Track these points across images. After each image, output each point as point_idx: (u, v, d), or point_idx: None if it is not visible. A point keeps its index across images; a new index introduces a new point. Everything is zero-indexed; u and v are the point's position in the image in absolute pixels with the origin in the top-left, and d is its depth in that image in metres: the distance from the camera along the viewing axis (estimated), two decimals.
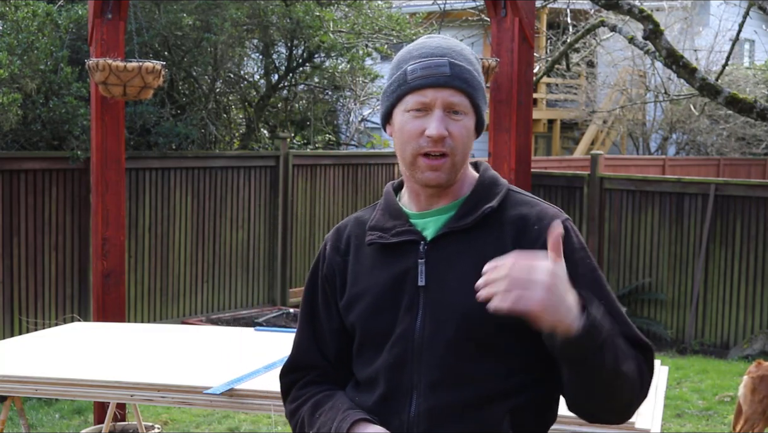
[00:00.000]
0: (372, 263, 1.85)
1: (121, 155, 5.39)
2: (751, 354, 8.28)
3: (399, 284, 1.80)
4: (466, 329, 1.73)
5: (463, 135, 1.77)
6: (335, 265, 1.90)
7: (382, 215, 1.88)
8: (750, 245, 8.45)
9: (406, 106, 1.78)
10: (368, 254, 1.86)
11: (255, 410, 3.28)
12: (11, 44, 6.79)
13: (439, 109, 1.75)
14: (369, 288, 1.83)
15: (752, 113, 6.39)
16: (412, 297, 1.79)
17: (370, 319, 1.82)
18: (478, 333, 1.73)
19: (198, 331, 4.60)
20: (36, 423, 6.09)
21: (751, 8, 8.06)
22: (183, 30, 8.57)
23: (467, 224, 1.79)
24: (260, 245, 9.00)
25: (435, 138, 1.74)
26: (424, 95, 1.76)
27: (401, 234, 1.82)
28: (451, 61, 1.77)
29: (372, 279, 1.83)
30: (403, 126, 1.78)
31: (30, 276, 7.07)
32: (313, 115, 10.94)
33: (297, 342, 1.99)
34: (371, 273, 1.84)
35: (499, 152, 4.63)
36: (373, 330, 1.82)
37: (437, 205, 1.83)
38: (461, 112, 1.77)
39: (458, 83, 1.76)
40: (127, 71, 4.76)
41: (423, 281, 1.78)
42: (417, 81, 1.76)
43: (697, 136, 16.51)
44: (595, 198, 9.32)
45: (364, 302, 1.83)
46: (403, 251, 1.82)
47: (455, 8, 11.71)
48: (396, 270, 1.81)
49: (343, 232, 1.93)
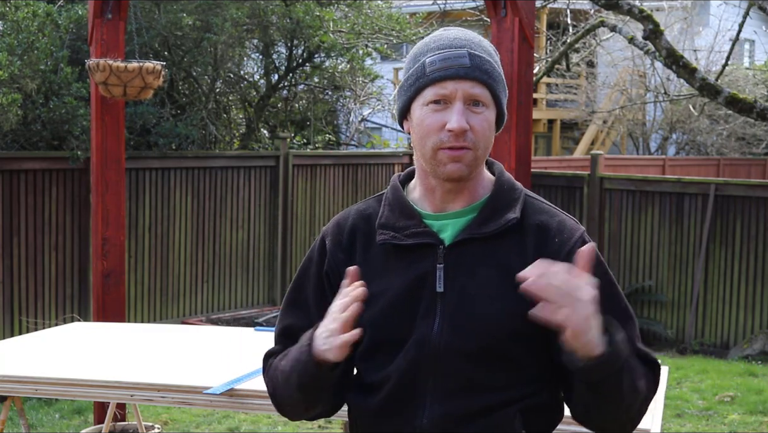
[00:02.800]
0: (383, 265, 1.78)
1: (121, 155, 5.38)
2: (751, 354, 8.28)
3: (416, 289, 1.74)
4: (484, 339, 1.70)
5: (485, 128, 1.72)
6: (338, 262, 1.81)
7: (391, 212, 1.80)
8: (750, 245, 8.46)
9: (425, 99, 1.72)
10: (378, 253, 1.79)
11: (255, 410, 3.28)
12: (11, 44, 6.79)
13: (460, 101, 1.69)
14: (382, 292, 1.75)
15: (752, 113, 6.38)
16: (429, 303, 1.73)
17: (385, 323, 1.76)
18: (496, 343, 1.70)
19: (198, 331, 4.60)
20: (36, 423, 6.09)
21: (751, 8, 8.06)
22: (183, 30, 8.57)
23: (489, 232, 1.73)
24: (260, 245, 9.00)
25: (456, 131, 1.68)
26: (444, 87, 1.70)
27: (417, 236, 1.76)
28: (470, 52, 1.71)
29: (385, 282, 1.76)
30: (423, 120, 1.72)
31: (30, 276, 7.07)
32: (313, 115, 10.94)
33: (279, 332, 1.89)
34: (383, 275, 1.76)
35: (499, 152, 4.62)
36: (387, 335, 1.76)
37: (453, 207, 1.77)
38: (482, 104, 1.71)
39: (479, 74, 1.70)
40: (127, 71, 4.76)
41: (441, 287, 1.73)
42: (436, 73, 1.70)
43: (697, 136, 16.52)
44: (595, 198, 9.32)
45: (378, 305, 1.75)
46: (419, 255, 1.75)
47: (455, 8, 11.70)
48: (412, 274, 1.75)
49: (344, 226, 1.85)
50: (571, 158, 14.36)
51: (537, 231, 1.75)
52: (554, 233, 1.75)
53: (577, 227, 1.78)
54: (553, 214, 1.79)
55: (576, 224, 1.80)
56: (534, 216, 1.77)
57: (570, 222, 1.79)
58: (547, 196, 9.35)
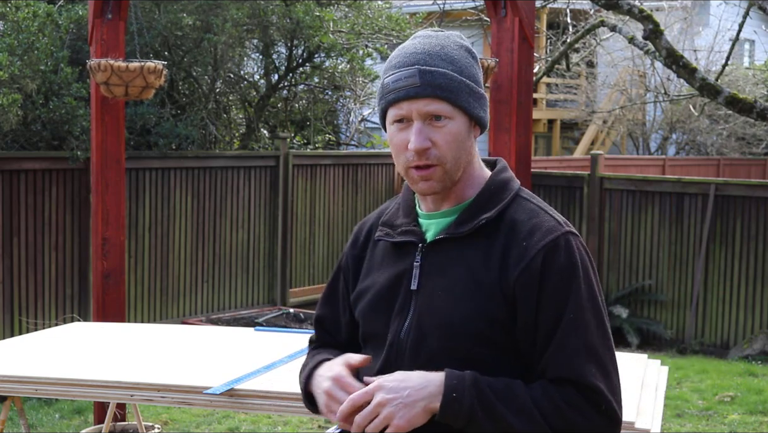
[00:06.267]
0: (380, 260, 1.85)
1: (121, 155, 5.39)
2: (751, 354, 8.28)
3: (396, 285, 1.78)
4: (447, 340, 1.70)
5: (449, 141, 1.71)
6: (351, 258, 1.90)
7: (396, 210, 1.86)
8: (750, 245, 8.46)
9: (390, 118, 1.76)
10: (380, 249, 1.86)
11: (255, 410, 3.28)
12: (12, 45, 6.79)
13: (418, 120, 1.71)
14: (372, 285, 1.83)
15: (752, 113, 6.39)
16: (404, 301, 1.77)
17: (369, 318, 1.82)
18: (458, 345, 1.70)
19: (198, 331, 4.60)
20: (36, 423, 6.09)
21: (751, 8, 8.06)
22: (183, 30, 8.57)
23: (463, 232, 1.74)
24: (260, 245, 9.00)
25: (417, 151, 1.70)
26: (401, 108, 1.72)
27: (405, 234, 1.80)
28: (421, 69, 1.70)
29: (376, 276, 1.83)
30: (392, 139, 1.77)
31: (30, 276, 7.07)
32: (313, 115, 10.94)
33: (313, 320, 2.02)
34: (377, 270, 1.84)
35: (499, 152, 4.62)
36: (371, 329, 1.82)
37: (442, 207, 1.80)
38: (444, 117, 1.71)
39: (431, 91, 1.69)
40: (129, 71, 4.76)
41: (416, 285, 1.76)
42: (391, 95, 1.73)
43: (697, 136, 16.52)
44: (595, 198, 9.32)
45: (366, 299, 1.83)
46: (404, 252, 1.80)
47: (455, 8, 11.71)
48: (396, 270, 1.80)
49: (365, 225, 1.93)
50: (571, 158, 14.36)
51: (509, 232, 1.71)
52: (524, 236, 1.70)
53: (555, 230, 1.70)
54: (534, 215, 1.73)
55: (558, 226, 1.72)
56: (513, 217, 1.73)
57: (548, 225, 1.71)
58: (546, 196, 9.36)
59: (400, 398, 1.64)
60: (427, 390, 1.64)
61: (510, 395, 1.63)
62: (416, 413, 1.63)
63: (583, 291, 1.68)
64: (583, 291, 1.68)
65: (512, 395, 1.63)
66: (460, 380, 1.63)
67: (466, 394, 1.62)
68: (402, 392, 1.64)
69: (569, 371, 1.64)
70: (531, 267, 1.66)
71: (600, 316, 1.70)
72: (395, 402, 1.63)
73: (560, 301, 1.66)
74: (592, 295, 1.70)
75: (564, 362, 1.64)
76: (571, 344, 1.64)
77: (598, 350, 1.67)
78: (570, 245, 1.70)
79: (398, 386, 1.65)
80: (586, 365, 1.64)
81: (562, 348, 1.64)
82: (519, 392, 1.63)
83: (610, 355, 1.69)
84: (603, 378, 1.65)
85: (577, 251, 1.70)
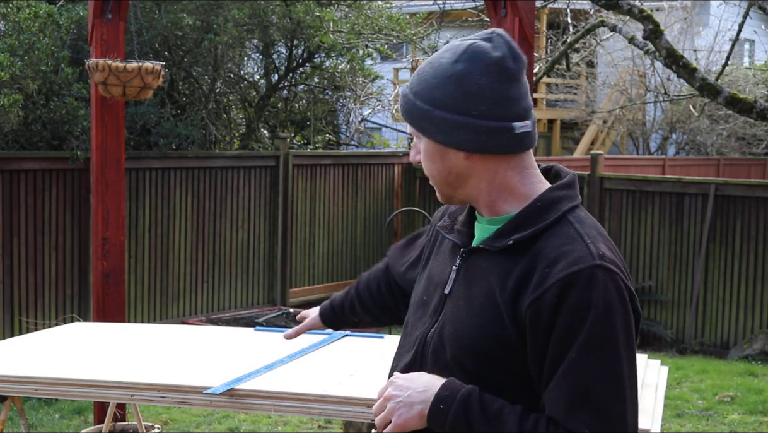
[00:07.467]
0: (437, 250, 1.90)
1: (121, 155, 5.38)
2: (751, 354, 8.29)
3: (438, 284, 1.80)
4: (456, 351, 1.70)
5: (424, 158, 1.76)
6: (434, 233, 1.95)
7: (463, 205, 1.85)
8: (750, 245, 8.46)
9: None
10: (442, 238, 1.89)
11: (255, 410, 3.28)
12: (12, 45, 6.79)
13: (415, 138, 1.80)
14: (424, 278, 1.88)
15: (752, 113, 6.39)
16: (438, 302, 1.78)
17: (412, 309, 1.87)
18: (464, 358, 1.69)
19: (198, 331, 4.60)
20: (36, 423, 6.09)
21: (751, 8, 8.06)
22: (183, 30, 8.57)
23: (497, 247, 1.70)
24: (260, 245, 9.00)
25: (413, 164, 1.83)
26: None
27: (455, 233, 1.82)
28: (402, 94, 1.78)
29: (433, 266, 1.87)
30: None
31: (30, 276, 7.07)
32: (313, 115, 10.94)
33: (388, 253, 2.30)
34: (435, 259, 1.88)
35: None
36: (412, 319, 1.86)
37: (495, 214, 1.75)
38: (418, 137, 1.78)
39: (404, 115, 1.77)
40: (126, 72, 4.76)
41: (449, 289, 1.77)
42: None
43: (697, 136, 16.53)
44: (595, 198, 9.32)
45: (419, 289, 1.88)
46: (452, 251, 1.82)
47: (455, 8, 11.70)
48: (444, 267, 1.82)
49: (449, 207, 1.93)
50: (571, 158, 14.37)
51: (534, 256, 1.64)
52: (549, 262, 1.61)
53: (581, 261, 1.60)
54: (569, 241, 1.64)
55: (589, 257, 1.60)
56: (547, 240, 1.65)
57: (577, 254, 1.60)
58: None
59: (402, 396, 1.68)
60: (426, 395, 1.67)
61: (499, 419, 1.62)
62: (412, 415, 1.67)
63: (595, 332, 1.58)
64: (595, 332, 1.58)
65: (501, 419, 1.61)
66: (452, 392, 1.65)
67: (452, 408, 1.64)
68: (406, 391, 1.69)
69: (558, 414, 1.60)
70: (545, 297, 1.60)
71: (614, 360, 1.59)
72: (398, 399, 1.68)
73: (567, 339, 1.58)
74: (609, 337, 1.59)
75: (555, 404, 1.60)
76: (566, 387, 1.59)
77: (597, 396, 1.58)
78: (594, 280, 1.59)
79: (405, 384, 1.70)
80: (576, 411, 1.58)
81: (558, 388, 1.60)
82: (510, 417, 1.62)
83: (620, 404, 1.59)
84: (597, 426, 1.57)
85: (602, 287, 1.59)
